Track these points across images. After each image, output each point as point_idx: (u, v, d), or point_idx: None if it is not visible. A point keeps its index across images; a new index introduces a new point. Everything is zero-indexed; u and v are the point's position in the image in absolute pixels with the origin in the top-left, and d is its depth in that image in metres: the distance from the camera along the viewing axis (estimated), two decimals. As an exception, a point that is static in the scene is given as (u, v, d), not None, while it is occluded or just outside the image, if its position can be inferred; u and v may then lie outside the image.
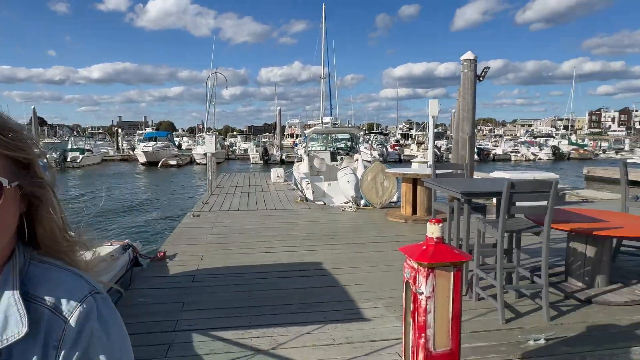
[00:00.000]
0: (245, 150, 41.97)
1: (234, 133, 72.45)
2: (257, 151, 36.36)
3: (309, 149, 13.25)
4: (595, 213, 3.93)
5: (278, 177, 12.34)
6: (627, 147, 43.63)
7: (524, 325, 3.04)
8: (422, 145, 38.05)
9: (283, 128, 62.44)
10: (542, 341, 2.78)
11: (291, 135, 66.71)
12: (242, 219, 6.89)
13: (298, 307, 3.35)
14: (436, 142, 36.24)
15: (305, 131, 17.24)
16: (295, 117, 74.59)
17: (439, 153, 30.83)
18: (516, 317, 3.17)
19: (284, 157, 34.33)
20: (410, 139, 53.01)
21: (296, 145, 34.87)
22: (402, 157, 35.96)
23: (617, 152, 40.67)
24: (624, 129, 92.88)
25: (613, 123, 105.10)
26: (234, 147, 46.37)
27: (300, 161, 12.91)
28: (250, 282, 3.92)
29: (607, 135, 74.30)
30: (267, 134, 68.98)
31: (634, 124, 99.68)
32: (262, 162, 33.87)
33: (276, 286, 3.82)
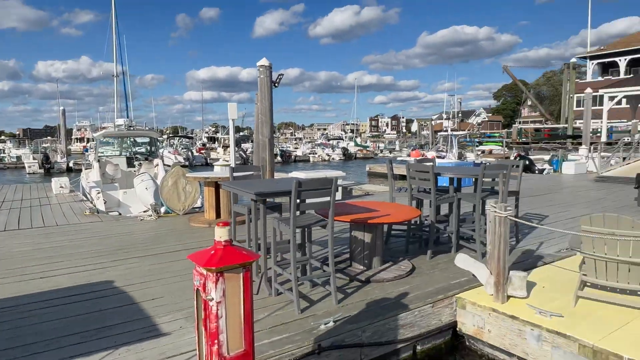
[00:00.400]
0: (19, 157, 35.06)
1: (3, 137, 59.78)
2: (34, 158, 30.90)
3: (100, 154, 11.84)
4: (371, 204, 4.56)
5: (62, 187, 10.61)
6: (397, 147, 52.44)
7: (317, 311, 3.31)
8: (229, 149, 38.25)
9: (70, 131, 54.30)
10: (331, 324, 3.08)
11: (81, 140, 58.62)
12: (9, 241, 5.67)
13: (81, 337, 2.91)
14: (243, 145, 37.04)
15: (94, 134, 15.38)
16: (85, 118, 65.44)
17: (245, 156, 31.51)
18: (310, 305, 3.43)
19: (71, 164, 29.99)
20: (216, 142, 52.68)
21: (87, 150, 30.83)
22: (208, 161, 35.52)
23: (390, 152, 48.48)
24: (395, 132, 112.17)
25: (387, 127, 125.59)
26: (2, 155, 38.31)
27: (90, 168, 11.44)
28: (16, 318, 3.23)
29: (384, 137, 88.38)
30: (49, 138, 58.87)
31: (402, 128, 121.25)
32: (42, 171, 28.87)
33: (53, 317, 3.25)
